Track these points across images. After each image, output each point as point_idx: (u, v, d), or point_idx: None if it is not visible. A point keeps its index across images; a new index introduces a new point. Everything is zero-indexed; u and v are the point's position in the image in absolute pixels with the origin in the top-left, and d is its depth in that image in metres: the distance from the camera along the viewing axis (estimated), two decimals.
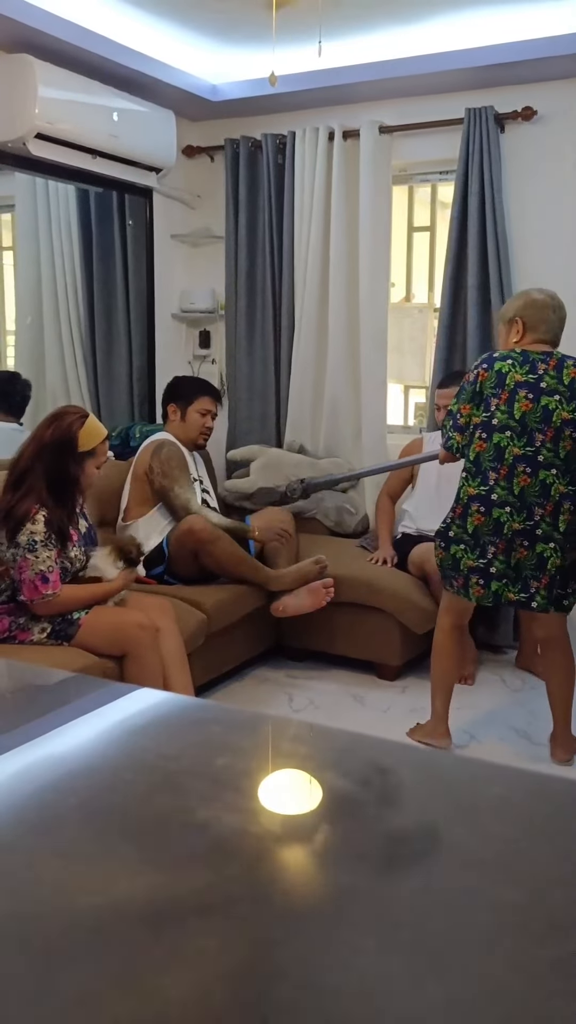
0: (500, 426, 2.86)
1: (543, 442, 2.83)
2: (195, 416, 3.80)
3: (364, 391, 4.37)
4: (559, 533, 2.85)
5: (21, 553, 2.77)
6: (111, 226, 4.51)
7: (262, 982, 0.63)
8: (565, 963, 0.65)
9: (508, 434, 2.85)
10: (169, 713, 1.12)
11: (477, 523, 2.89)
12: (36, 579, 2.77)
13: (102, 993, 0.62)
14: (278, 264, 4.51)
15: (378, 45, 3.90)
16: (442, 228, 4.40)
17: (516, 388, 2.85)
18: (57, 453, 2.85)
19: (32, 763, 0.95)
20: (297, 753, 1.02)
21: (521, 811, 0.90)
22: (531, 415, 2.83)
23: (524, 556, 2.87)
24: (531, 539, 2.85)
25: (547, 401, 2.83)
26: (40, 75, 3.50)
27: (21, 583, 2.79)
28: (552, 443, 2.82)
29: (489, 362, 2.92)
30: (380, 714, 3.48)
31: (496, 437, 2.86)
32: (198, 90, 4.26)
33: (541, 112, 3.96)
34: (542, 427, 2.83)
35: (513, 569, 2.89)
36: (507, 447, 2.85)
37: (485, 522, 2.87)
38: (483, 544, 2.89)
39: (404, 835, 0.84)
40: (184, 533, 3.47)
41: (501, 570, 2.89)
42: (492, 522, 2.87)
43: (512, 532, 2.85)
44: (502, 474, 2.85)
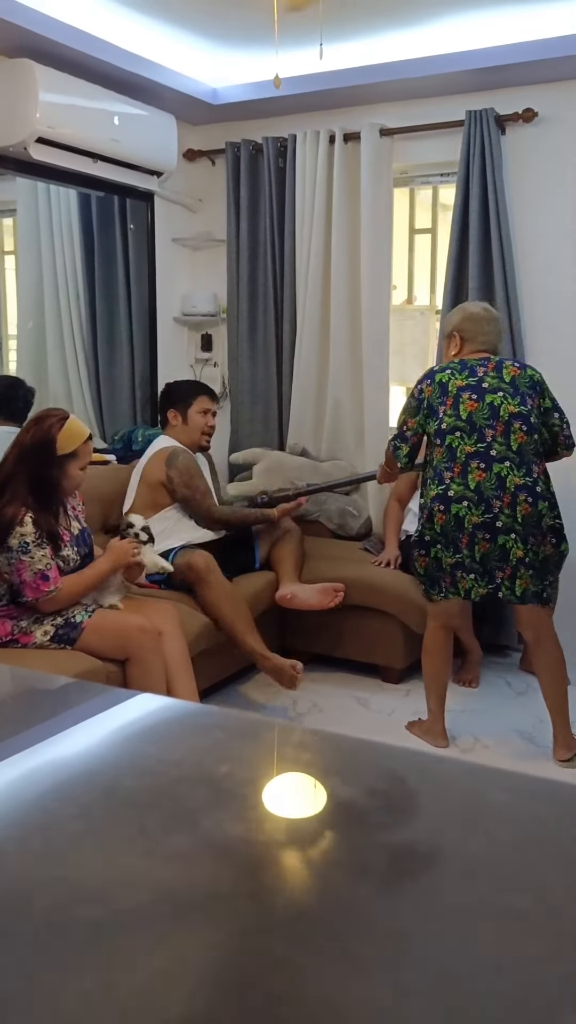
0: (449, 428, 3.00)
1: (493, 437, 2.95)
2: (196, 417, 3.79)
3: (366, 394, 4.37)
4: (519, 524, 2.93)
5: (15, 556, 2.77)
6: (112, 230, 4.51)
7: (264, 992, 0.63)
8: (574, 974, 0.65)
9: (458, 434, 2.98)
10: (171, 719, 1.11)
11: (441, 522, 2.99)
12: (36, 578, 2.78)
13: (101, 1000, 0.61)
14: (279, 267, 4.51)
15: (379, 47, 3.90)
16: (443, 230, 4.40)
17: (459, 392, 3.01)
18: (37, 457, 2.83)
19: (33, 769, 0.94)
20: (300, 759, 1.01)
21: (527, 817, 0.90)
22: (477, 413, 2.97)
23: (487, 549, 2.96)
24: (492, 531, 2.94)
25: (491, 398, 2.98)
26: (41, 79, 3.50)
27: (22, 585, 2.78)
28: (503, 437, 2.94)
29: (431, 376, 3.09)
30: (384, 717, 3.47)
31: (448, 439, 3.00)
32: (199, 93, 4.26)
33: (542, 114, 3.96)
34: (491, 423, 2.96)
35: (479, 563, 2.98)
36: (458, 446, 2.97)
37: (447, 519, 2.98)
38: (452, 540, 3.00)
39: (408, 842, 0.83)
40: (185, 567, 3.43)
41: (469, 565, 2.99)
42: (453, 518, 2.97)
43: (472, 526, 2.95)
44: (456, 472, 2.97)
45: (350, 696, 3.63)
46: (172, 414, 3.82)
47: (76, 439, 2.89)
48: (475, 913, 0.72)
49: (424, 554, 3.08)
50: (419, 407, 3.08)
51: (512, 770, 0.97)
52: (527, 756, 3.17)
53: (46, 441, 2.84)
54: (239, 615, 3.40)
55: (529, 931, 0.70)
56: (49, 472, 2.85)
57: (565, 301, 4.01)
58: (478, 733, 3.32)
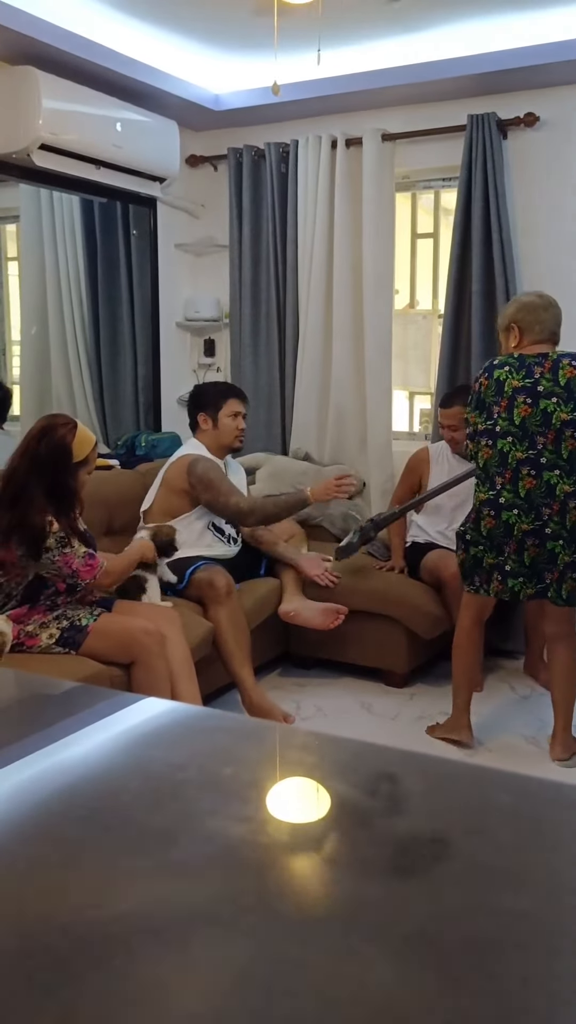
0: (502, 432, 2.97)
1: (544, 444, 2.92)
2: (227, 421, 3.72)
3: (369, 398, 4.37)
4: (567, 531, 2.94)
5: (57, 553, 2.82)
6: (115, 236, 4.52)
7: (269, 994, 0.63)
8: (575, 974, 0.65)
9: (510, 439, 2.96)
10: (175, 722, 1.12)
11: (489, 526, 3.00)
12: (86, 560, 2.86)
13: (108, 1006, 0.62)
14: (282, 272, 4.51)
15: (380, 53, 3.91)
16: (445, 235, 4.41)
17: (514, 394, 2.95)
18: (54, 467, 2.85)
19: (38, 773, 0.95)
20: (304, 762, 1.01)
21: (530, 819, 0.90)
22: (531, 419, 2.93)
23: (536, 554, 2.97)
24: (541, 538, 2.95)
25: (545, 404, 2.92)
26: (44, 87, 3.52)
27: (76, 573, 2.85)
28: (553, 445, 2.92)
29: (489, 370, 3.03)
30: (388, 721, 3.47)
31: (500, 443, 2.97)
32: (201, 100, 4.28)
33: (544, 118, 3.97)
34: (542, 430, 2.92)
35: (528, 567, 2.99)
36: (510, 452, 2.95)
37: (496, 525, 2.98)
38: (498, 545, 3.00)
39: (412, 845, 0.83)
40: (205, 584, 3.42)
41: (516, 568, 3.00)
42: (502, 524, 2.97)
43: (522, 533, 2.96)
44: (507, 478, 2.96)
45: (354, 700, 3.63)
46: (202, 418, 3.75)
47: (87, 445, 2.93)
48: (479, 915, 0.72)
49: (463, 549, 3.10)
50: (478, 402, 3.04)
51: (515, 772, 0.97)
52: (531, 759, 3.17)
53: (62, 449, 2.87)
54: (240, 644, 3.39)
55: (532, 932, 0.70)
56: (67, 480, 2.88)
57: (568, 305, 4.01)
58: (482, 736, 3.32)
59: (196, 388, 3.95)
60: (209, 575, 3.44)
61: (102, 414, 4.60)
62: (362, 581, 3.78)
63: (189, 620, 3.25)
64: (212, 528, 3.66)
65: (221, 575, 3.45)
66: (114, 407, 4.63)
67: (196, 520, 3.63)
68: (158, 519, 3.62)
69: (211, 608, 3.40)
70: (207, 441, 3.74)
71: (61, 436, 2.87)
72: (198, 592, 3.44)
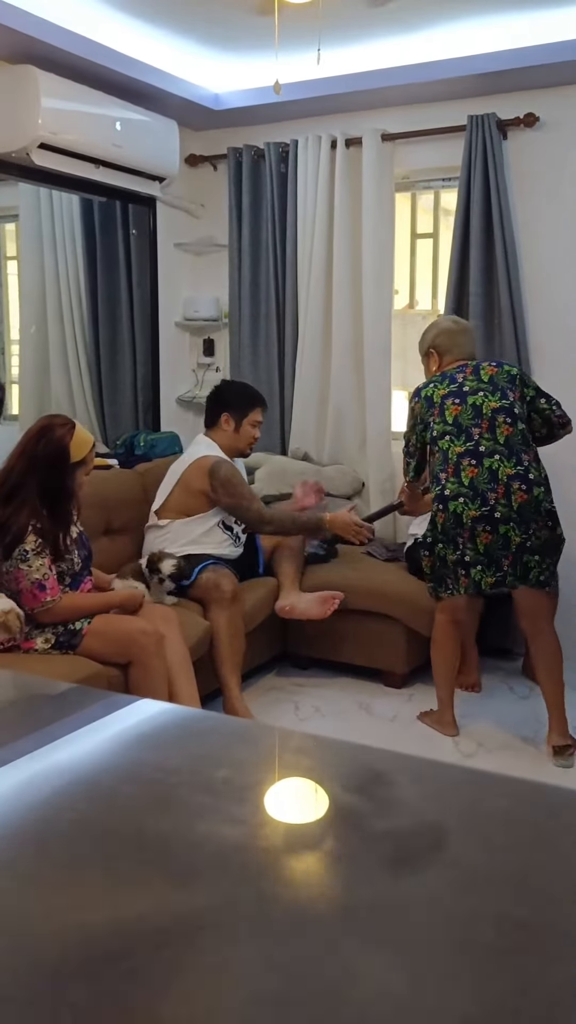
0: (439, 434, 3.17)
1: (480, 434, 3.10)
2: (248, 428, 3.73)
3: (368, 398, 4.37)
4: (515, 512, 3.03)
5: (14, 564, 2.77)
6: (115, 235, 4.52)
7: (264, 1001, 0.63)
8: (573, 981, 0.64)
9: (448, 437, 3.15)
10: (170, 724, 1.11)
11: (441, 520, 3.13)
12: (33, 588, 2.77)
13: (101, 1013, 0.61)
14: (281, 272, 4.51)
15: (380, 53, 3.90)
16: (445, 235, 4.40)
17: (443, 400, 3.20)
18: (51, 467, 2.83)
19: (31, 776, 0.94)
20: (300, 765, 1.01)
21: (528, 824, 0.89)
22: (462, 415, 3.14)
23: (489, 540, 3.06)
24: (491, 523, 3.05)
25: (473, 399, 3.15)
26: (43, 86, 3.51)
27: (20, 594, 2.79)
28: (489, 432, 3.09)
29: (417, 394, 3.30)
30: (387, 722, 3.47)
31: (440, 443, 3.17)
32: (200, 99, 4.27)
33: (544, 118, 3.96)
34: (475, 421, 3.12)
35: (484, 555, 3.09)
36: (449, 448, 3.13)
37: (447, 517, 3.11)
38: (452, 538, 3.12)
39: (409, 849, 0.83)
40: (212, 585, 3.42)
41: (474, 558, 3.10)
42: (451, 516, 3.09)
43: (471, 520, 3.06)
44: (450, 472, 3.12)
45: (352, 701, 3.63)
46: (225, 418, 3.73)
47: (85, 446, 2.91)
48: (475, 920, 0.72)
49: (429, 555, 3.21)
50: (414, 423, 3.29)
51: (512, 775, 0.96)
52: (529, 760, 3.16)
53: (60, 450, 2.85)
54: (235, 650, 3.39)
55: (528, 938, 0.70)
56: (63, 481, 2.86)
57: (568, 305, 4.01)
58: (480, 737, 3.32)
59: (225, 385, 3.90)
60: (216, 577, 3.44)
61: (101, 413, 4.59)
62: (360, 579, 3.77)
63: (188, 620, 3.24)
64: (222, 526, 3.67)
65: (228, 579, 3.45)
66: (113, 406, 4.62)
67: (210, 518, 3.63)
68: (173, 516, 3.62)
69: (213, 610, 3.39)
70: (222, 441, 3.73)
71: (59, 436, 2.86)
72: (202, 592, 3.43)
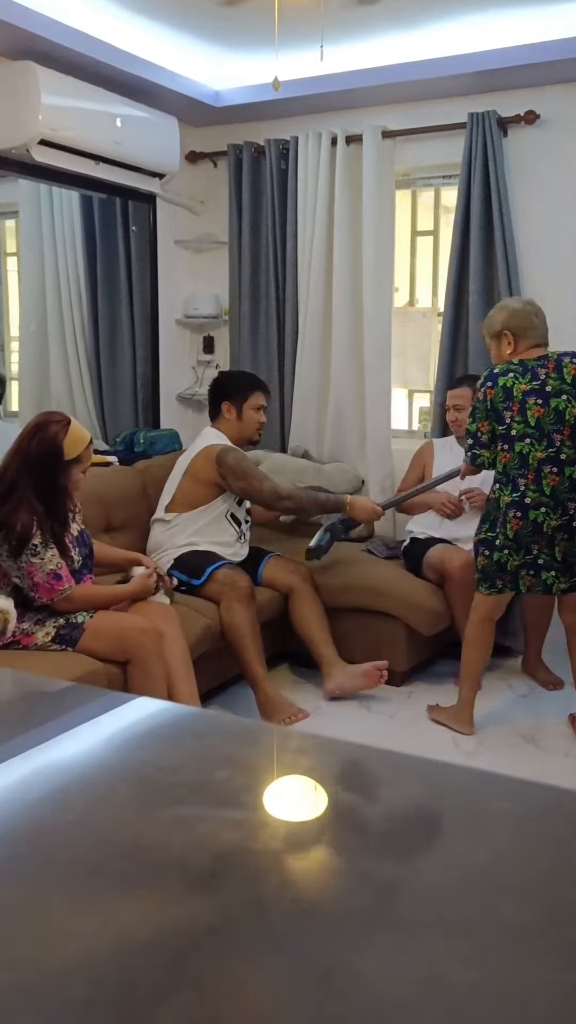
0: (519, 435, 3.05)
1: (562, 441, 3.03)
2: (251, 413, 3.71)
3: (368, 396, 4.36)
4: None
5: (25, 560, 2.77)
6: (115, 232, 4.51)
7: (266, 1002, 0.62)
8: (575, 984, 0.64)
9: (528, 441, 3.04)
10: (169, 723, 1.11)
11: (516, 528, 3.07)
12: (49, 578, 2.80)
13: (101, 1016, 0.61)
14: (281, 269, 4.50)
15: (381, 50, 3.89)
16: (445, 232, 4.40)
17: (524, 397, 3.04)
18: (44, 464, 2.83)
19: (28, 775, 0.94)
20: (299, 765, 1.00)
21: (529, 823, 0.89)
22: (545, 419, 3.03)
23: (567, 549, 3.08)
24: (570, 532, 3.07)
25: (556, 403, 3.03)
26: (43, 82, 3.50)
27: (36, 588, 2.80)
28: (571, 441, 3.03)
29: (492, 379, 3.09)
30: (386, 720, 3.47)
31: (518, 446, 3.05)
32: (201, 96, 4.26)
33: (544, 116, 3.95)
34: (558, 428, 3.02)
35: (560, 562, 3.09)
36: (529, 453, 3.04)
37: (523, 525, 3.07)
38: (526, 545, 3.08)
39: (408, 849, 0.82)
40: (228, 583, 3.42)
41: (548, 562, 3.09)
42: (530, 524, 3.06)
43: (551, 530, 3.06)
44: (530, 479, 3.05)
45: (352, 699, 3.62)
46: (226, 407, 3.71)
47: (80, 443, 2.90)
48: (476, 922, 0.71)
49: (487, 555, 3.15)
50: (486, 410, 3.10)
51: (513, 776, 0.96)
52: (530, 759, 3.16)
53: (53, 448, 2.84)
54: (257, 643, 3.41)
55: (531, 940, 0.70)
56: (57, 479, 2.85)
57: (568, 302, 4.01)
58: (481, 735, 3.31)
59: (222, 375, 3.89)
60: (233, 575, 3.45)
61: (101, 410, 4.59)
62: (360, 577, 3.77)
63: (188, 617, 3.23)
64: (230, 518, 3.67)
65: (243, 577, 3.46)
66: (113, 404, 4.62)
67: (216, 507, 3.63)
68: (182, 509, 3.62)
69: (233, 607, 3.39)
70: (228, 431, 3.72)
71: (53, 433, 2.85)
72: (219, 589, 3.43)
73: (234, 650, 3.40)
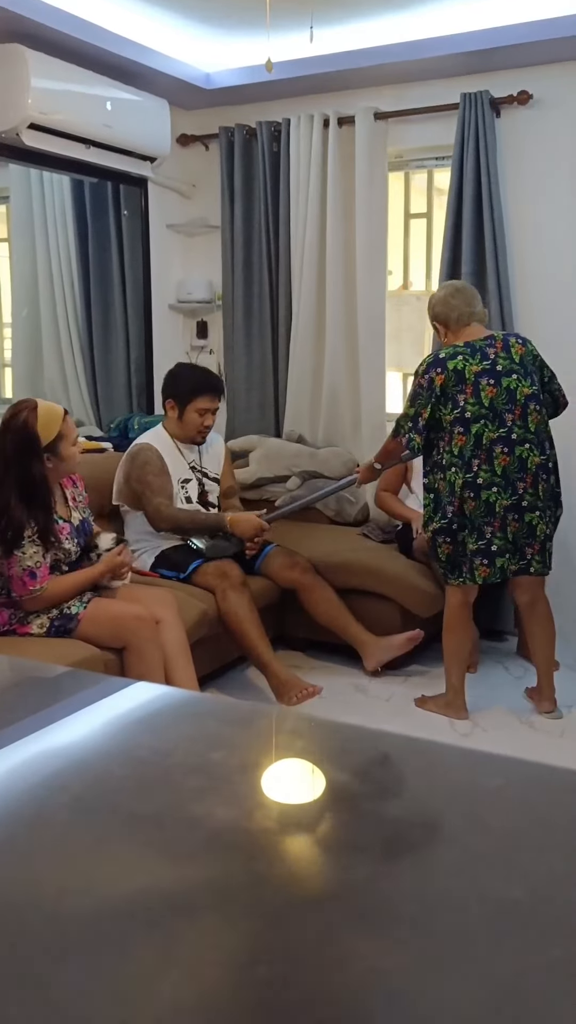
0: (474, 417, 3.07)
1: (513, 421, 3.07)
2: (192, 415, 3.65)
3: (363, 380, 4.35)
4: (541, 501, 3.12)
5: (6, 551, 2.76)
6: (106, 216, 4.48)
7: (257, 981, 0.63)
8: (568, 963, 0.65)
9: (483, 422, 3.07)
10: (164, 707, 1.11)
11: (471, 508, 3.10)
12: (24, 575, 2.76)
13: (96, 994, 0.61)
14: (275, 253, 4.48)
15: (372, 30, 3.86)
16: (439, 215, 4.38)
17: (477, 379, 3.07)
18: (23, 455, 2.76)
19: (25, 759, 0.94)
20: (294, 746, 1.01)
21: (523, 804, 0.90)
22: (497, 399, 3.07)
23: (516, 528, 3.12)
24: (519, 512, 3.10)
25: (507, 382, 3.08)
26: (33, 65, 3.48)
27: (10, 580, 2.78)
28: (521, 420, 3.08)
29: (440, 364, 3.10)
30: (382, 703, 3.48)
31: (474, 428, 3.07)
32: (191, 78, 4.23)
33: (537, 96, 3.93)
34: (509, 407, 3.07)
35: (511, 543, 3.13)
36: (483, 433, 3.07)
37: (477, 505, 3.10)
38: (479, 527, 3.10)
39: (404, 830, 0.83)
40: (217, 574, 3.43)
41: (501, 546, 3.12)
42: (483, 504, 3.09)
43: (503, 509, 3.09)
44: (482, 459, 3.08)
45: (348, 683, 3.64)
46: (169, 404, 3.70)
47: (55, 421, 2.82)
48: (469, 900, 0.72)
49: (449, 541, 3.15)
50: (432, 397, 3.09)
51: (508, 755, 0.96)
52: (525, 740, 3.18)
53: (27, 436, 2.77)
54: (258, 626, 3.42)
55: (521, 918, 0.70)
56: (38, 466, 2.78)
57: (559, 284, 4.00)
58: (476, 718, 3.33)
59: (177, 369, 3.84)
60: (219, 565, 3.46)
61: (94, 396, 4.57)
62: (356, 559, 3.78)
63: (184, 603, 3.24)
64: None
65: (231, 565, 3.47)
66: (106, 390, 4.60)
67: None
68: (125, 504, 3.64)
69: (226, 596, 3.40)
70: (171, 428, 3.73)
71: (23, 422, 2.78)
72: (211, 580, 3.44)
73: (236, 637, 3.41)
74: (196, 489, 3.72)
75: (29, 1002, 0.60)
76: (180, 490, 3.66)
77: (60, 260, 4.41)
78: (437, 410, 3.10)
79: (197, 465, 3.76)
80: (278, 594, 3.72)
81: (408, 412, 3.17)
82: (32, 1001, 0.60)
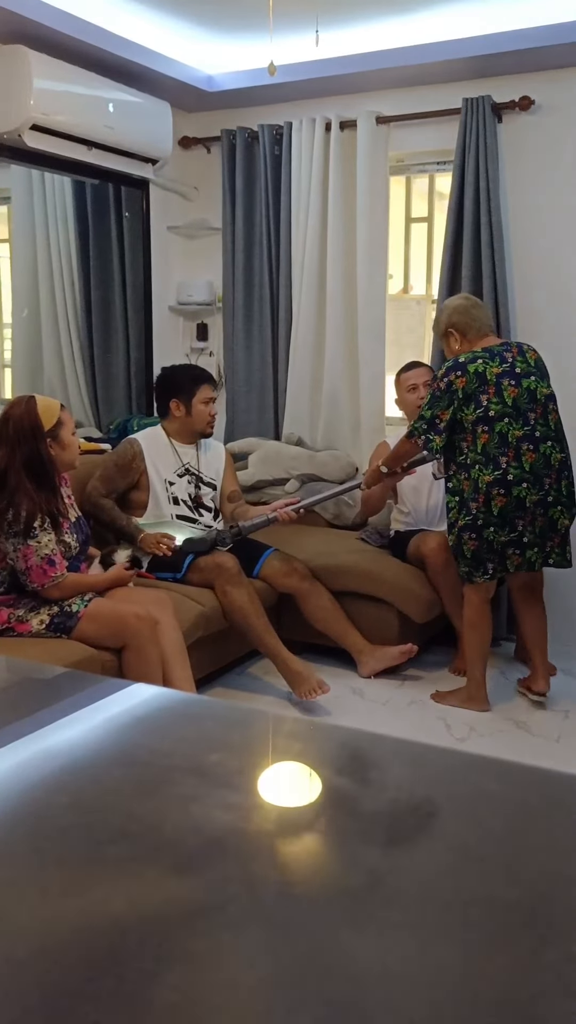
0: (497, 415, 3.16)
1: (535, 419, 3.18)
2: (200, 407, 3.69)
3: (362, 383, 4.36)
4: (564, 496, 3.24)
5: (21, 542, 2.77)
6: (107, 218, 4.49)
7: (257, 984, 0.63)
8: (565, 964, 0.65)
9: (507, 420, 3.16)
10: (162, 709, 1.11)
11: (500, 505, 3.17)
12: (43, 563, 2.80)
13: (94, 997, 0.61)
14: (275, 256, 4.49)
15: (375, 35, 3.87)
16: (440, 219, 4.38)
17: (498, 379, 3.17)
18: (27, 440, 2.84)
19: (22, 760, 0.94)
20: (291, 749, 1.01)
21: (520, 806, 0.90)
22: (520, 398, 3.17)
23: (543, 523, 3.22)
24: (545, 507, 3.21)
25: (527, 383, 3.19)
26: (35, 66, 3.48)
27: (28, 571, 2.80)
28: (542, 419, 3.19)
29: (461, 368, 3.19)
30: (379, 706, 3.48)
31: (498, 426, 3.15)
32: (194, 81, 4.24)
33: (539, 102, 3.94)
34: (531, 406, 3.18)
35: (539, 537, 3.23)
36: (508, 431, 3.15)
37: (508, 502, 3.17)
38: (510, 520, 3.19)
39: (401, 832, 0.83)
40: (214, 567, 3.44)
41: (532, 540, 3.22)
42: (514, 500, 3.16)
43: (532, 504, 3.18)
44: (511, 456, 3.15)
45: (345, 685, 3.64)
46: (175, 404, 3.70)
47: (52, 409, 2.92)
48: (467, 902, 0.72)
49: (475, 537, 3.21)
50: (451, 399, 3.18)
51: (504, 758, 0.97)
52: (522, 745, 3.18)
53: (30, 420, 2.85)
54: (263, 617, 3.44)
55: (519, 920, 0.70)
56: (43, 450, 2.86)
57: (559, 290, 4.00)
58: (473, 722, 3.33)
59: (165, 372, 3.85)
60: (215, 559, 3.46)
61: (94, 398, 4.57)
62: (355, 563, 3.78)
63: (181, 604, 3.24)
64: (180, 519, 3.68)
65: (227, 556, 3.47)
66: (106, 391, 4.61)
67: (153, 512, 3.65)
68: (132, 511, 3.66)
69: (227, 590, 3.41)
70: (175, 428, 3.73)
71: (25, 410, 2.87)
72: (208, 575, 3.44)
73: (242, 630, 3.43)
74: (187, 490, 3.72)
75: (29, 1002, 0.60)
76: (165, 489, 3.66)
77: (61, 261, 4.42)
78: (459, 412, 3.19)
79: (193, 468, 3.76)
80: (275, 597, 3.72)
81: (424, 415, 3.25)
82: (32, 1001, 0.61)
